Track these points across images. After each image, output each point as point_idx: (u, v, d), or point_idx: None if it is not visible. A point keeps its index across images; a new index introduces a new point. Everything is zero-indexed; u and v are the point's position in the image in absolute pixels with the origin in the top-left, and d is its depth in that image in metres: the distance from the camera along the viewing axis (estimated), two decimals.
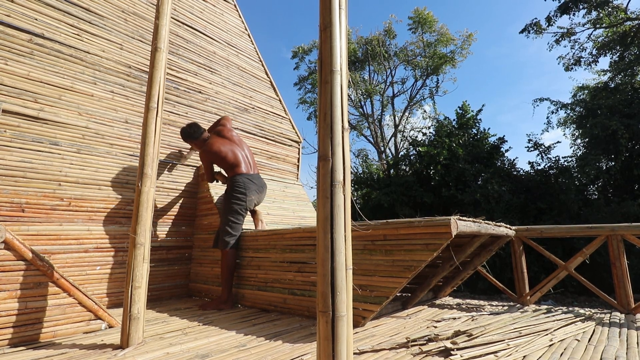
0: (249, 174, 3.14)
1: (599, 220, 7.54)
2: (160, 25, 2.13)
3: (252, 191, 3.10)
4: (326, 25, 1.25)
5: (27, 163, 2.54)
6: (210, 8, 4.12)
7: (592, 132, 9.22)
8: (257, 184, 3.17)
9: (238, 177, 3.08)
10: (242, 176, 3.09)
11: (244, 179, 3.09)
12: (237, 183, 3.06)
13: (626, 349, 1.79)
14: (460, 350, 1.71)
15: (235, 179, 3.08)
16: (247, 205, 3.06)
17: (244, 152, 3.25)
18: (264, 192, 3.26)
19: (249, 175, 3.13)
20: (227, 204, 3.04)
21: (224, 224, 2.98)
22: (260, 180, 3.23)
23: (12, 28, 2.57)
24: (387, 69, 16.70)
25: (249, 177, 3.12)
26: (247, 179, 3.10)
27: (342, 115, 1.20)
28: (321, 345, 1.07)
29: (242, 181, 3.07)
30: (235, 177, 3.09)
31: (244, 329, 2.18)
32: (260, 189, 3.20)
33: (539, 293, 3.00)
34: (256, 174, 3.22)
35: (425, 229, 1.99)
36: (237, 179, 3.08)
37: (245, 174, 3.12)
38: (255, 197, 3.13)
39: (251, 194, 3.08)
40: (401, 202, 9.67)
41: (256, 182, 3.16)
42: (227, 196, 3.07)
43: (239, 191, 3.03)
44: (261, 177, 3.29)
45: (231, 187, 3.07)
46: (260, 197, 3.22)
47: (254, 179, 3.16)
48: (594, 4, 11.21)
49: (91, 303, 2.10)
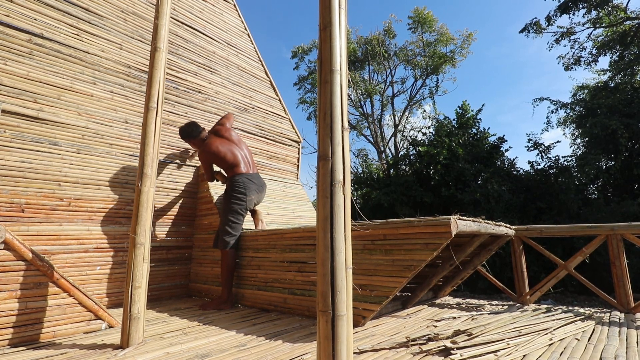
0: (248, 174, 3.13)
1: (599, 219, 7.55)
2: (160, 25, 2.13)
3: (252, 191, 3.09)
4: (326, 24, 1.25)
5: (27, 163, 2.54)
6: (209, 8, 4.11)
7: (591, 131, 9.22)
8: (257, 184, 3.16)
9: (237, 177, 3.07)
10: (242, 176, 3.08)
11: (244, 179, 3.07)
12: (236, 183, 3.05)
13: (626, 348, 1.79)
14: (460, 350, 1.71)
15: (234, 179, 3.07)
16: (247, 205, 3.05)
17: (243, 151, 3.24)
18: (263, 191, 3.26)
19: (249, 175, 3.12)
20: (227, 204, 3.03)
21: (223, 224, 2.98)
22: (259, 180, 3.22)
23: (12, 28, 2.57)
24: (387, 68, 16.70)
25: (249, 177, 3.11)
26: (247, 179, 3.09)
27: (342, 115, 1.20)
28: (321, 345, 1.07)
29: (241, 181, 3.06)
30: (234, 177, 3.08)
31: (244, 328, 2.19)
32: (260, 189, 3.20)
33: (538, 292, 3.00)
34: (256, 174, 3.21)
35: (425, 229, 2.00)
36: (236, 178, 3.07)
37: (245, 173, 3.11)
38: (255, 197, 3.13)
39: (251, 194, 3.07)
40: (401, 202, 9.67)
41: (256, 182, 3.15)
42: (227, 196, 3.07)
43: (238, 191, 3.02)
44: (261, 177, 3.28)
45: (231, 187, 3.06)
46: (260, 197, 3.21)
47: (253, 178, 3.15)
48: (593, 4, 11.21)
49: (91, 303, 2.10)
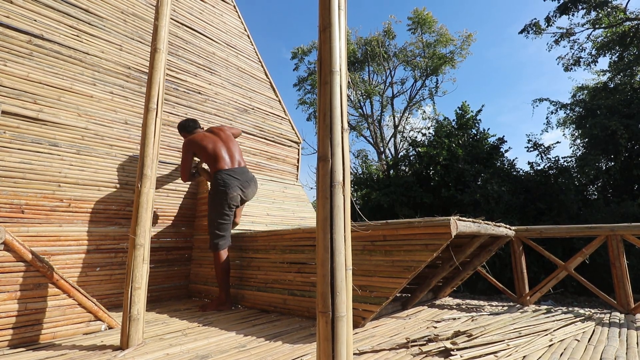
0: (230, 169, 2.95)
1: (599, 220, 7.55)
2: (160, 26, 2.14)
3: (234, 187, 2.89)
4: (325, 26, 1.25)
5: (27, 164, 2.54)
6: (209, 9, 4.12)
7: (591, 132, 9.23)
8: (241, 179, 2.96)
9: (217, 174, 2.91)
10: (221, 172, 2.91)
11: (223, 175, 2.90)
12: (216, 181, 2.90)
13: (626, 349, 1.79)
14: (460, 351, 1.71)
15: (215, 176, 2.92)
16: (230, 202, 2.87)
17: (228, 145, 3.07)
18: (251, 186, 3.05)
19: (230, 170, 2.94)
20: (210, 204, 2.91)
21: (210, 227, 2.87)
22: (245, 175, 3.02)
23: (11, 29, 2.57)
24: (387, 69, 16.71)
25: (230, 172, 2.93)
26: (228, 175, 2.91)
27: (342, 115, 1.20)
28: (321, 346, 1.07)
29: (220, 178, 2.89)
30: (215, 174, 2.93)
31: (243, 329, 2.18)
32: (246, 184, 2.99)
33: (538, 293, 3.00)
34: (240, 168, 3.02)
35: (425, 230, 2.00)
36: (216, 176, 2.92)
37: (226, 169, 2.94)
38: (239, 193, 2.93)
39: (233, 190, 2.88)
40: (401, 203, 9.67)
41: (239, 177, 2.95)
42: (210, 195, 2.94)
43: (218, 190, 2.87)
44: (248, 171, 3.08)
45: (212, 185, 2.94)
46: (247, 192, 3.02)
47: (236, 173, 2.95)
48: (593, 4, 11.23)
49: (91, 304, 2.10)
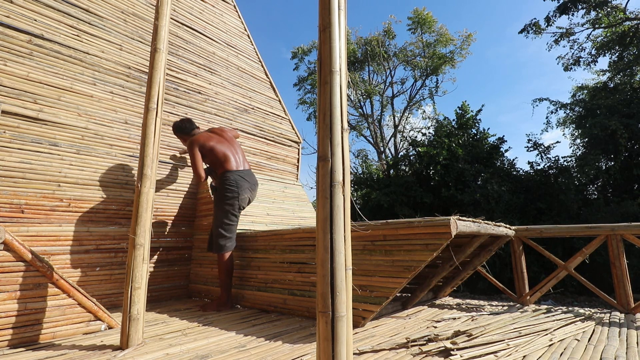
0: (239, 170, 2.92)
1: (599, 220, 7.55)
2: (160, 26, 2.13)
3: (245, 189, 2.87)
4: (325, 26, 1.25)
5: (27, 164, 2.54)
6: (209, 9, 4.12)
7: (591, 132, 9.24)
8: (250, 181, 2.96)
9: (228, 174, 2.85)
10: (233, 173, 2.87)
11: (235, 176, 2.86)
12: (227, 181, 2.83)
13: (626, 349, 1.79)
14: (460, 351, 1.71)
15: (225, 176, 2.85)
16: (241, 204, 2.85)
17: (234, 148, 3.05)
18: (256, 189, 3.08)
19: (240, 172, 2.91)
20: (219, 205, 2.84)
21: (217, 227, 2.80)
22: (252, 177, 3.02)
23: (12, 29, 2.57)
24: (387, 69, 16.72)
25: (240, 174, 2.90)
26: (239, 176, 2.88)
27: (342, 115, 1.20)
28: (321, 346, 1.07)
29: (233, 178, 2.85)
30: (225, 174, 2.86)
31: (243, 329, 2.18)
32: (253, 187, 3.00)
33: (538, 293, 3.00)
34: (247, 170, 3.00)
35: (425, 229, 2.00)
36: (227, 176, 2.85)
37: (236, 170, 2.90)
38: (248, 195, 2.92)
39: (244, 192, 2.86)
40: (401, 203, 9.67)
41: (248, 179, 2.95)
42: (218, 195, 2.87)
43: (230, 190, 2.82)
44: (253, 174, 3.07)
45: (221, 185, 2.86)
46: (253, 195, 3.02)
47: (245, 175, 2.94)
48: (592, 4, 11.23)
49: (91, 304, 2.10)
